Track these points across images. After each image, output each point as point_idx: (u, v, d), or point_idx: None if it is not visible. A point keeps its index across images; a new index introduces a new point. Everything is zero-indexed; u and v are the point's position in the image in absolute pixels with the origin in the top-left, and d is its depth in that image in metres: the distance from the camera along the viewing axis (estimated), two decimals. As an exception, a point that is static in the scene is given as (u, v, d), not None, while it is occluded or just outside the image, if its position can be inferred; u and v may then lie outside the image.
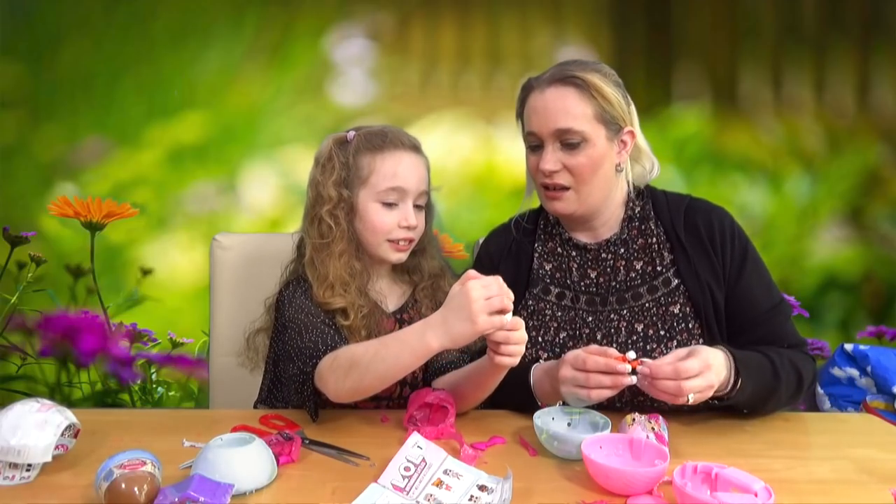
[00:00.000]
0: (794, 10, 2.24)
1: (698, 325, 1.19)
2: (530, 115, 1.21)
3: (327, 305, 1.18)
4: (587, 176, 1.19)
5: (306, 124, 2.17)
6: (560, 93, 1.17)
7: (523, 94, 1.24)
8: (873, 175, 2.28)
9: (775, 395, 1.13)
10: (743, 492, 0.86)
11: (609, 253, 1.25)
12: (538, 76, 1.22)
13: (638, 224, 1.26)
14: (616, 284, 1.24)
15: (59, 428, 0.92)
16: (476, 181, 2.22)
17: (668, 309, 1.20)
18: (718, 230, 1.22)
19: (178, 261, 2.20)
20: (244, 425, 1.10)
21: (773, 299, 1.22)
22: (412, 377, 1.25)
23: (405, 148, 1.21)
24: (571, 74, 1.17)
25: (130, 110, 2.16)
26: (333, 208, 1.20)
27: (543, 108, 1.18)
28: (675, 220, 1.24)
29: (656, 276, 1.23)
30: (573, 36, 2.20)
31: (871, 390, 2.07)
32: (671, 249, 1.23)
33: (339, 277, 1.19)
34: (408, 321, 1.25)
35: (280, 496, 0.89)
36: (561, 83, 1.18)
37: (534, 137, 1.21)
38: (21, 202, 2.18)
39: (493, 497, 0.89)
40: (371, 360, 1.02)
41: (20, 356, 2.18)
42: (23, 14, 2.13)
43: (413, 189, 1.21)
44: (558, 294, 1.27)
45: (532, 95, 1.21)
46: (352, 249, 1.22)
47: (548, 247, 1.30)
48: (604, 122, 1.18)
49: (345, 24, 2.18)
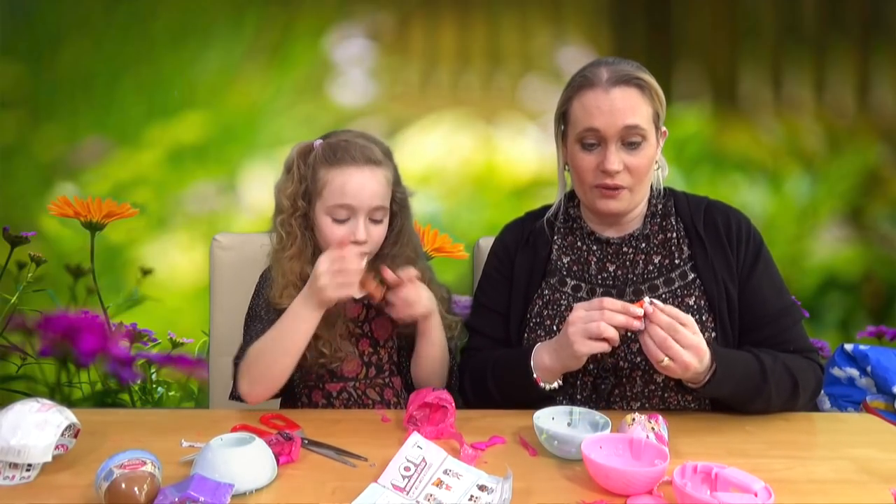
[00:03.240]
0: (794, 10, 2.24)
1: (712, 318, 1.22)
2: (592, 113, 1.20)
3: (278, 305, 1.23)
4: (643, 175, 1.22)
5: (306, 124, 2.16)
6: (626, 93, 1.19)
7: (572, 93, 1.24)
8: (873, 175, 2.28)
9: (761, 396, 1.14)
10: (743, 492, 0.86)
11: (630, 247, 1.28)
12: (588, 76, 1.22)
13: (660, 220, 1.29)
14: (634, 277, 1.26)
15: (59, 428, 0.92)
16: (476, 181, 2.22)
17: (683, 300, 1.23)
18: (735, 228, 1.27)
19: (178, 261, 2.20)
20: (244, 425, 1.10)
21: (783, 302, 1.25)
22: (376, 359, 1.30)
23: (358, 163, 1.21)
24: (635, 76, 1.20)
25: (130, 110, 2.16)
26: (288, 217, 1.24)
27: (610, 106, 1.19)
28: (696, 217, 1.28)
29: (673, 268, 1.25)
30: (573, 36, 2.20)
31: (871, 390, 2.07)
32: (689, 244, 1.26)
33: (291, 282, 1.23)
34: (375, 307, 1.30)
35: (280, 496, 0.89)
36: (626, 84, 1.19)
37: (593, 135, 1.21)
38: (21, 202, 2.18)
39: (493, 497, 0.89)
40: (263, 352, 1.16)
41: (20, 356, 2.18)
42: (23, 14, 2.13)
43: (363, 206, 1.21)
44: (574, 286, 1.28)
45: (591, 94, 1.20)
46: (306, 255, 1.25)
47: (567, 240, 1.32)
48: (656, 123, 1.22)
49: (345, 24, 2.18)
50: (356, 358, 1.29)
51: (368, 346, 1.30)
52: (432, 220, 2.18)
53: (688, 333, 1.05)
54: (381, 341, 1.31)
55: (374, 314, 1.31)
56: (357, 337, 1.29)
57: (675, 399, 1.22)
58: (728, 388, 1.11)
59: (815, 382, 1.21)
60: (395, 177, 1.28)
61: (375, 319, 1.31)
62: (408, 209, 1.32)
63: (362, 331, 1.30)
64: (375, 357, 1.30)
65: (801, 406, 1.21)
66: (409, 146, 2.16)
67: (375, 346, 1.30)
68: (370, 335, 1.30)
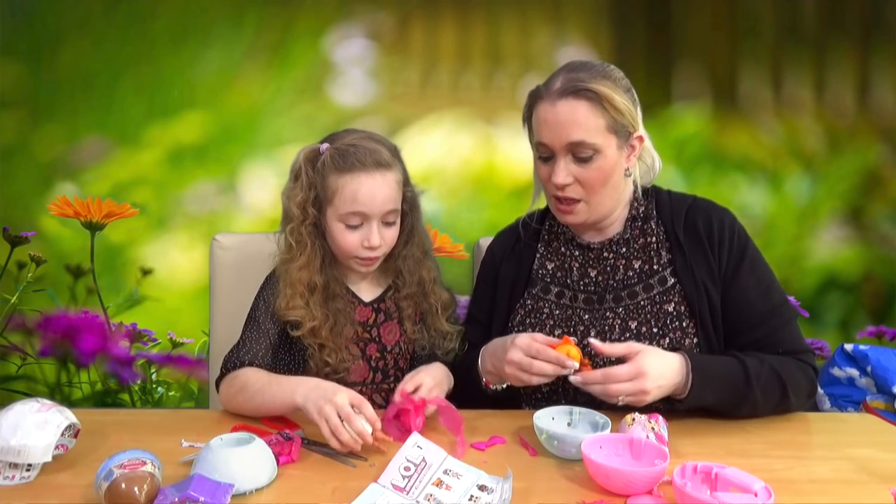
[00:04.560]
0: (794, 10, 2.24)
1: (693, 324, 1.20)
2: (540, 127, 1.18)
3: (284, 316, 1.21)
4: (598, 187, 1.18)
5: (306, 124, 2.16)
6: (571, 106, 1.15)
7: (531, 102, 1.22)
8: (873, 175, 2.28)
9: (747, 401, 1.13)
10: (743, 492, 0.86)
11: (610, 252, 1.26)
12: (547, 84, 1.19)
13: (640, 224, 1.26)
14: (613, 283, 1.24)
15: (59, 428, 0.92)
16: (476, 181, 2.22)
17: (661, 307, 1.21)
18: (717, 229, 1.22)
19: (178, 261, 2.20)
20: (244, 425, 1.10)
21: (772, 302, 1.21)
22: (383, 364, 1.28)
23: (368, 169, 1.18)
24: (584, 87, 1.14)
25: (130, 110, 2.16)
26: (298, 226, 1.22)
27: (555, 121, 1.16)
28: (676, 220, 1.24)
29: (653, 274, 1.23)
30: (573, 36, 2.20)
31: (871, 390, 2.07)
32: (669, 249, 1.23)
33: (299, 292, 1.21)
34: (384, 311, 1.29)
35: (280, 496, 0.89)
36: (573, 96, 1.14)
37: (544, 149, 1.19)
38: (21, 202, 2.18)
39: (493, 497, 0.89)
40: (254, 394, 1.12)
41: (20, 356, 2.18)
42: (23, 14, 2.13)
43: (375, 211, 1.19)
44: (557, 293, 1.28)
45: (541, 106, 1.18)
46: (315, 264, 1.22)
47: (552, 247, 1.31)
48: (615, 132, 1.17)
49: (345, 24, 2.18)
50: (363, 362, 1.27)
51: (376, 350, 1.28)
52: (432, 220, 2.18)
53: (620, 369, 1.05)
54: (389, 346, 1.29)
55: (382, 319, 1.29)
56: (365, 342, 1.28)
57: (662, 405, 1.21)
58: (710, 396, 1.11)
59: (807, 384, 1.18)
60: (405, 177, 1.26)
61: (384, 324, 1.29)
62: (417, 208, 1.31)
63: (370, 335, 1.28)
64: (382, 362, 1.29)
65: (797, 408, 1.19)
66: (409, 146, 2.12)
67: (383, 351, 1.29)
68: (378, 340, 1.29)
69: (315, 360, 1.21)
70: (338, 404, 1.00)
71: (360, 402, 1.02)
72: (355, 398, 1.02)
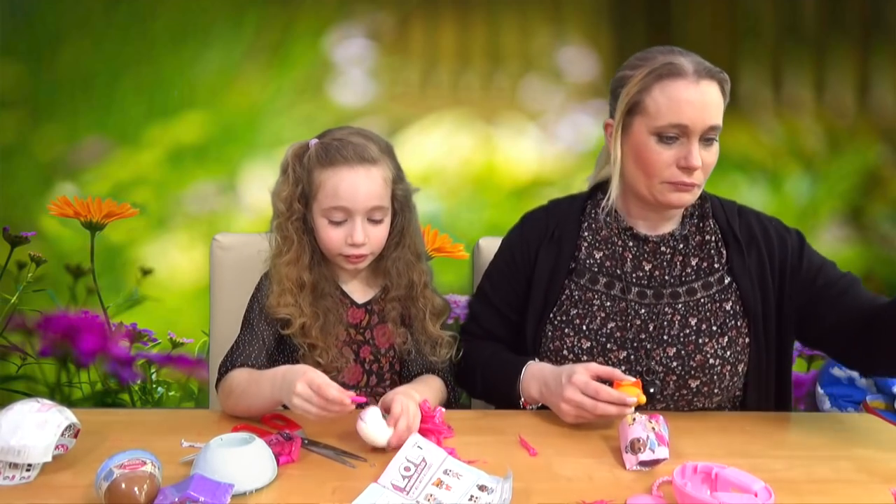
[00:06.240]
0: (794, 10, 2.24)
1: (746, 324, 1.21)
2: (680, 107, 1.13)
3: (274, 313, 1.20)
4: (709, 173, 1.20)
5: (306, 124, 2.16)
6: (712, 88, 1.15)
7: (652, 81, 1.15)
8: (873, 175, 2.28)
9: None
10: (743, 492, 0.86)
11: (668, 247, 1.25)
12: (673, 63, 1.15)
13: (697, 221, 1.27)
14: (671, 279, 1.24)
15: (59, 428, 0.92)
16: (476, 181, 2.22)
17: (721, 305, 1.22)
18: (774, 232, 1.25)
19: (178, 261, 2.20)
20: (244, 425, 1.10)
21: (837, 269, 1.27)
22: (377, 367, 1.27)
23: (350, 163, 1.16)
24: (718, 71, 1.16)
25: (130, 110, 2.16)
26: (284, 221, 1.21)
27: (701, 101, 1.14)
28: (731, 220, 1.26)
29: (712, 272, 1.23)
30: (573, 36, 2.20)
31: (871, 390, 2.07)
32: (726, 247, 1.24)
33: (287, 289, 1.20)
34: (378, 313, 1.27)
35: (280, 496, 0.89)
36: (711, 78, 1.15)
37: (677, 129, 1.14)
38: (21, 202, 2.18)
39: (493, 497, 0.89)
40: (240, 396, 1.12)
41: (20, 356, 2.18)
42: (23, 14, 2.13)
43: (358, 207, 1.17)
44: (607, 283, 1.25)
45: (681, 84, 1.14)
46: (304, 261, 1.21)
47: (601, 235, 1.27)
48: None
49: (345, 24, 2.18)
50: (357, 364, 1.25)
51: (370, 353, 1.26)
52: (432, 220, 2.18)
53: None
54: (383, 349, 1.27)
55: (376, 321, 1.27)
56: (358, 344, 1.26)
57: (702, 402, 1.21)
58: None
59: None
60: (396, 174, 1.23)
61: (377, 326, 1.27)
62: (410, 209, 1.27)
63: (364, 338, 1.26)
64: (376, 365, 1.26)
65: None
66: (409, 146, 2.15)
67: (377, 354, 1.26)
68: (372, 342, 1.26)
69: (307, 361, 1.20)
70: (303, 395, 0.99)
71: (319, 387, 0.99)
72: (313, 382, 0.99)
